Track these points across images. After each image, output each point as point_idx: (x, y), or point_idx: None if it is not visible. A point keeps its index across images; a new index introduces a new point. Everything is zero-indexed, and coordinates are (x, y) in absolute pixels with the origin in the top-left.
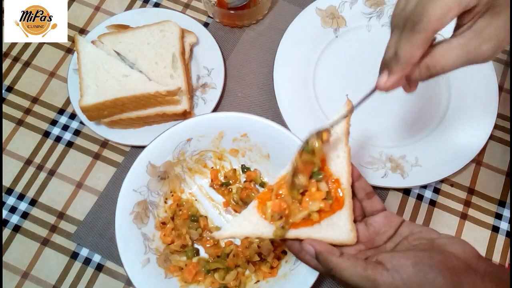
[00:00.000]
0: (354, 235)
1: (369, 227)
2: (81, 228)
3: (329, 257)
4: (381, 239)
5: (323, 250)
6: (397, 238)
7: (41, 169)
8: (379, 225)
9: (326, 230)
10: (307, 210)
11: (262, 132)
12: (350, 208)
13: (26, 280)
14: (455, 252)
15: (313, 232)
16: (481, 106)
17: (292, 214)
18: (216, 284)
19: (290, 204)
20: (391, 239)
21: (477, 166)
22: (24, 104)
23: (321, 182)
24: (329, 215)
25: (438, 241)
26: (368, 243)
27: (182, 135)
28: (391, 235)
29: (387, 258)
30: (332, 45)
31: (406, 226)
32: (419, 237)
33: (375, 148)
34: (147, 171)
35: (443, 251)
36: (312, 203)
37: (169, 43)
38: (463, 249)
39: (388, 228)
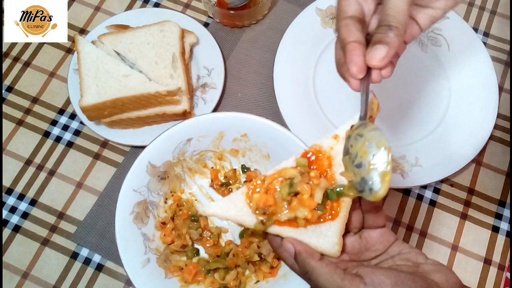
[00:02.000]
0: (339, 249)
1: (363, 240)
2: (81, 228)
3: (307, 259)
4: (370, 255)
5: (302, 251)
6: (383, 256)
7: (41, 169)
8: (373, 241)
9: (310, 236)
10: (292, 214)
11: (262, 132)
12: (343, 222)
13: (26, 280)
14: (438, 281)
15: (297, 234)
16: (481, 106)
17: (277, 213)
18: (216, 284)
19: (277, 201)
20: (378, 257)
21: (477, 166)
22: (24, 104)
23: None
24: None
25: (423, 266)
26: (354, 256)
27: (182, 135)
28: (380, 253)
29: (367, 273)
30: (332, 45)
31: (397, 246)
32: (405, 258)
33: None
34: (147, 171)
35: (426, 278)
36: (299, 208)
37: (169, 43)
38: (446, 279)
39: (381, 246)
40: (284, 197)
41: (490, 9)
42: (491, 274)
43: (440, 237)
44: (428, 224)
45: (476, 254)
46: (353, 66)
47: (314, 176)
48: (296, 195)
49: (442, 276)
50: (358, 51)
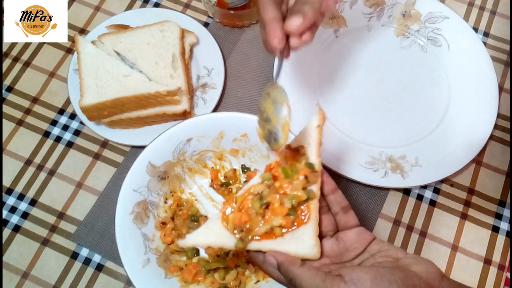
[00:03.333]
0: (318, 250)
1: (340, 242)
2: (81, 228)
3: (289, 268)
4: (350, 255)
5: (284, 261)
6: (365, 255)
7: (41, 169)
8: (350, 241)
9: (289, 244)
10: (268, 225)
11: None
12: (315, 223)
13: (26, 280)
14: (418, 271)
15: (276, 245)
16: (481, 106)
17: (254, 228)
18: (216, 284)
19: (252, 217)
20: (359, 256)
21: (477, 166)
22: (24, 104)
23: (285, 198)
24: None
25: (402, 260)
26: (335, 258)
27: (182, 135)
28: (360, 252)
29: (347, 272)
30: (332, 45)
31: (376, 244)
32: (385, 254)
33: (375, 148)
34: (147, 171)
35: (406, 270)
36: (274, 218)
37: (169, 43)
38: (427, 269)
39: (359, 245)
40: (257, 211)
41: (490, 9)
42: (491, 274)
43: (440, 237)
44: (428, 224)
45: (476, 254)
46: (273, 38)
47: (280, 186)
48: (267, 208)
49: (421, 267)
50: (276, 25)
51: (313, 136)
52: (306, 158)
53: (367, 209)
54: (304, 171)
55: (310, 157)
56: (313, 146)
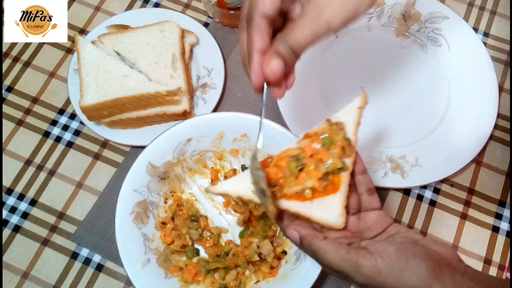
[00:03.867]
0: (343, 220)
1: (361, 220)
2: (81, 228)
3: (312, 241)
4: (369, 234)
5: (307, 234)
6: (383, 236)
7: (41, 169)
8: (371, 222)
9: (316, 209)
10: (300, 185)
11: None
12: (344, 194)
13: (26, 280)
14: (438, 250)
15: (304, 208)
16: (481, 106)
17: (286, 186)
18: (216, 284)
19: (286, 175)
20: (378, 236)
21: (477, 166)
22: (24, 104)
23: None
24: (322, 196)
25: (422, 240)
26: (355, 233)
27: (182, 135)
28: (379, 232)
29: (370, 244)
30: (332, 45)
31: (394, 227)
32: (404, 236)
33: (375, 148)
34: (147, 171)
35: (427, 246)
36: (307, 179)
37: (169, 43)
38: (445, 249)
39: (378, 226)
40: (292, 170)
41: (490, 9)
42: (491, 274)
43: (440, 237)
44: (428, 224)
45: (476, 254)
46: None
47: (316, 153)
48: (301, 171)
49: (441, 247)
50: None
51: (353, 115)
52: (344, 133)
53: None
54: (341, 143)
55: (348, 133)
56: (351, 124)
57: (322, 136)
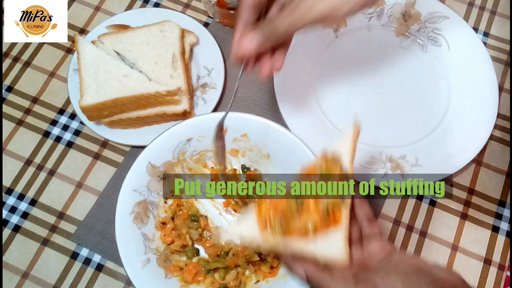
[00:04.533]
0: (347, 255)
1: (364, 251)
2: (81, 228)
3: (319, 277)
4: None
5: (314, 272)
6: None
7: (41, 169)
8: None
9: (321, 247)
10: (302, 222)
11: (262, 132)
12: (345, 227)
13: (26, 280)
14: (443, 276)
15: (307, 246)
16: (481, 106)
17: (287, 224)
18: (216, 284)
19: (287, 213)
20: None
21: (477, 166)
22: (24, 104)
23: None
24: (324, 230)
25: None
26: (360, 266)
27: (182, 135)
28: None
29: (378, 277)
30: (332, 45)
31: (397, 254)
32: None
33: (375, 148)
34: (147, 171)
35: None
36: (308, 216)
37: (169, 43)
38: (449, 275)
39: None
40: (292, 209)
41: (490, 9)
42: (491, 274)
43: (440, 237)
44: (428, 224)
45: (476, 254)
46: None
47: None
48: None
49: (445, 273)
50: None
51: (347, 146)
52: (340, 164)
53: None
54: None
55: (344, 163)
56: (346, 155)
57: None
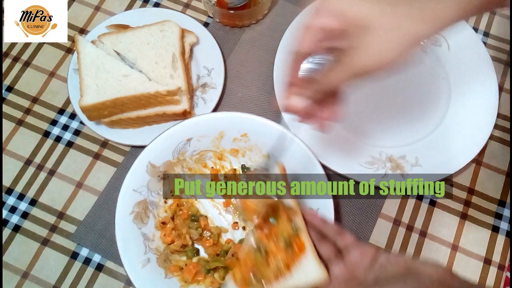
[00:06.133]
0: (325, 272)
1: (347, 262)
2: (81, 228)
3: None
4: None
5: None
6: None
7: (41, 169)
8: (355, 259)
9: (299, 277)
10: (274, 266)
11: (262, 132)
12: (312, 250)
13: (26, 280)
14: (428, 273)
15: (289, 283)
16: (481, 106)
17: (262, 275)
18: (216, 284)
19: (258, 266)
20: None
21: (477, 166)
22: (24, 104)
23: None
24: (295, 261)
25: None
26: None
27: (182, 135)
28: (368, 265)
29: None
30: None
31: (383, 255)
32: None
33: (375, 148)
34: (147, 171)
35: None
36: (275, 258)
37: (169, 43)
38: (436, 270)
39: (364, 259)
40: (260, 260)
41: None
42: (491, 274)
43: (440, 237)
44: (428, 224)
45: (476, 254)
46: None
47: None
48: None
49: (431, 268)
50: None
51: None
52: (282, 203)
53: (367, 209)
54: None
55: (285, 201)
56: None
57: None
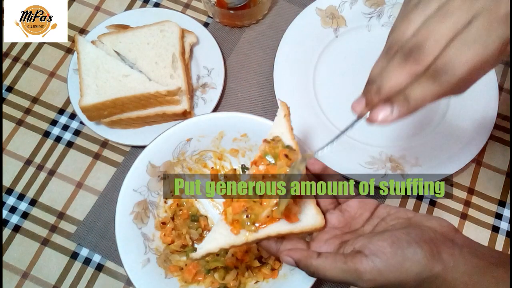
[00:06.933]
0: (321, 217)
1: (344, 212)
2: (81, 228)
3: (308, 262)
4: (358, 222)
5: (301, 257)
6: (374, 220)
7: (41, 169)
8: (353, 210)
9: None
10: (268, 207)
11: (262, 132)
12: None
13: (26, 280)
14: (432, 226)
15: (281, 227)
16: (481, 106)
17: (256, 215)
18: (216, 284)
19: (251, 204)
20: (369, 222)
21: (477, 166)
22: (24, 104)
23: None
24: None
25: (414, 218)
26: (344, 228)
27: (182, 135)
28: (367, 218)
29: (365, 244)
30: (332, 45)
31: (383, 208)
32: (395, 217)
33: (375, 148)
34: (147, 171)
35: (420, 226)
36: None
37: (169, 43)
38: (440, 224)
39: (363, 211)
40: (254, 199)
41: None
42: None
43: None
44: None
45: None
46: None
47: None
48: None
49: (435, 222)
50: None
51: (283, 125)
52: (282, 143)
53: None
54: (283, 152)
55: (286, 141)
56: (285, 133)
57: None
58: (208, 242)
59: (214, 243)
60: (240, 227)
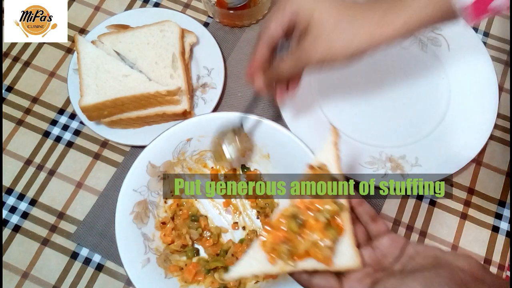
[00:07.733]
0: (359, 259)
1: (376, 250)
2: (81, 228)
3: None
4: (388, 260)
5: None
6: (404, 259)
7: (41, 169)
8: (385, 248)
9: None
10: (308, 242)
11: (262, 132)
12: (351, 233)
13: (26, 280)
14: (461, 266)
15: (318, 263)
16: (481, 106)
17: (294, 247)
18: (216, 284)
19: (291, 236)
20: (399, 260)
21: (477, 166)
22: (24, 104)
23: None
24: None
25: (443, 257)
26: (376, 266)
27: (182, 135)
28: (397, 256)
29: (396, 284)
30: None
31: (412, 247)
32: (424, 255)
33: (375, 148)
34: (147, 171)
35: (450, 265)
36: (312, 233)
37: (169, 43)
38: (469, 263)
39: (393, 249)
40: (294, 230)
41: None
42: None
43: (440, 237)
44: (428, 224)
45: (476, 254)
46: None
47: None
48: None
49: (463, 261)
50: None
51: (331, 152)
52: (329, 174)
53: None
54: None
55: (332, 171)
56: (332, 161)
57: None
58: (243, 267)
59: (249, 269)
60: (277, 257)
